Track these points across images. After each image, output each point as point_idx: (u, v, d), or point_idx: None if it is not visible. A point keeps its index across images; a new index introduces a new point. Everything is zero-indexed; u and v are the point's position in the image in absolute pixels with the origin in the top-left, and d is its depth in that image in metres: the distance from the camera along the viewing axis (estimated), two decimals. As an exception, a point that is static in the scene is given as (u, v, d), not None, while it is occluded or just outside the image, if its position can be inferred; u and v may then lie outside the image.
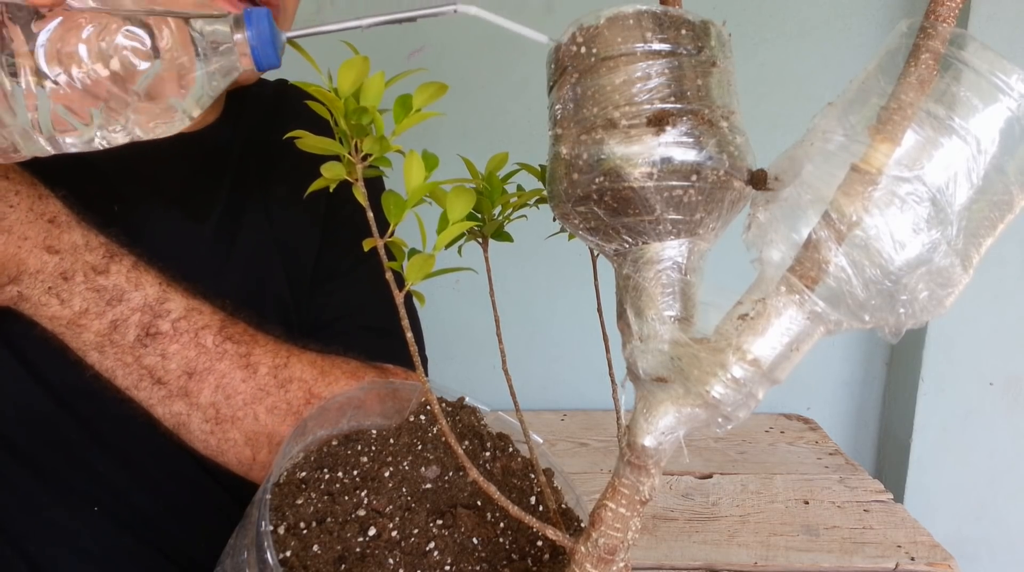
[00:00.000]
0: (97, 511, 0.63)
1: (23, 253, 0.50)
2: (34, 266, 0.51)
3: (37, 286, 0.52)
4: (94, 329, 0.53)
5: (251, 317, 0.60)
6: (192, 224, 0.67)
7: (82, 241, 0.53)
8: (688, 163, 0.32)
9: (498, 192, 0.41)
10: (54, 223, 0.52)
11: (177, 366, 0.55)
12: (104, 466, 0.64)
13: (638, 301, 0.34)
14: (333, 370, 0.61)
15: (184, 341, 0.55)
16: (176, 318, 0.55)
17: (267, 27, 0.40)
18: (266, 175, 0.74)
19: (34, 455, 0.62)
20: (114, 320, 0.54)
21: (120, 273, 0.54)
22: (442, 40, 1.51)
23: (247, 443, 0.57)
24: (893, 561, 1.07)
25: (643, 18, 0.32)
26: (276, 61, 0.41)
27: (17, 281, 0.51)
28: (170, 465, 0.65)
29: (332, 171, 0.34)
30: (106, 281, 0.53)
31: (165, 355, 0.55)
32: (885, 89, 0.29)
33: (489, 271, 0.44)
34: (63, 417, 0.62)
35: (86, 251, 0.53)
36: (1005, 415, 1.55)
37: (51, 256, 0.52)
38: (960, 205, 0.28)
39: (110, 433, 0.63)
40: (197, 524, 0.67)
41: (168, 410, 0.56)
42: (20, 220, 0.50)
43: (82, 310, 0.53)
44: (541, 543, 0.44)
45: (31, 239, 0.51)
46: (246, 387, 0.57)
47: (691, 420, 0.32)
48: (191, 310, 0.56)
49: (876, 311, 0.30)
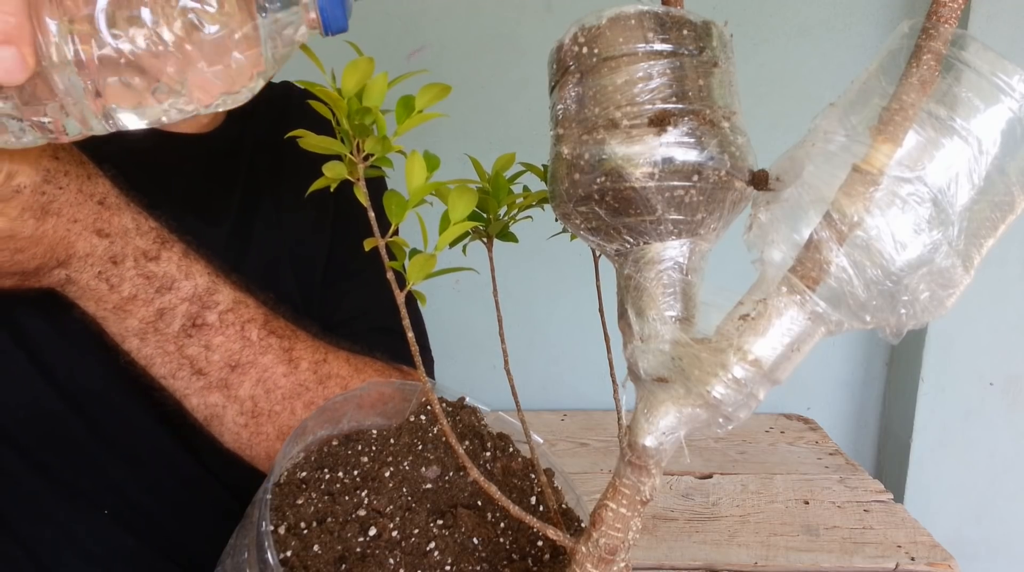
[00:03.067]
0: (106, 514, 0.63)
1: (72, 236, 0.48)
2: (83, 250, 0.49)
3: (87, 270, 0.50)
4: (139, 315, 0.52)
5: (289, 312, 0.60)
6: (206, 227, 0.67)
7: (132, 225, 0.51)
8: (689, 163, 0.32)
9: (504, 192, 0.41)
10: (104, 205, 0.50)
11: (220, 358, 0.54)
12: (111, 467, 0.64)
13: (639, 301, 0.34)
14: (366, 369, 0.61)
15: (230, 334, 0.54)
16: (224, 310, 0.54)
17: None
18: (276, 177, 0.74)
19: (42, 455, 0.62)
20: (161, 308, 0.52)
21: (171, 261, 0.53)
22: (442, 40, 1.51)
23: (279, 437, 0.57)
24: (893, 561, 1.07)
25: (645, 18, 0.32)
26: (345, 24, 0.38)
27: (66, 265, 0.49)
28: (175, 467, 0.65)
29: (334, 171, 0.34)
30: (157, 268, 0.52)
31: (209, 346, 0.54)
32: (886, 90, 0.29)
33: (493, 271, 0.44)
34: (71, 417, 0.62)
35: (137, 235, 0.51)
36: (1005, 415, 1.55)
37: (101, 239, 0.49)
38: (961, 206, 0.28)
39: (119, 435, 0.63)
40: (201, 525, 0.67)
41: (203, 401, 0.55)
42: (70, 202, 0.47)
43: (131, 296, 0.51)
44: (541, 543, 0.45)
45: (81, 222, 0.48)
46: (287, 382, 0.56)
47: (692, 420, 0.32)
48: (238, 302, 0.56)
49: (877, 312, 0.30)
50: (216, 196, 0.69)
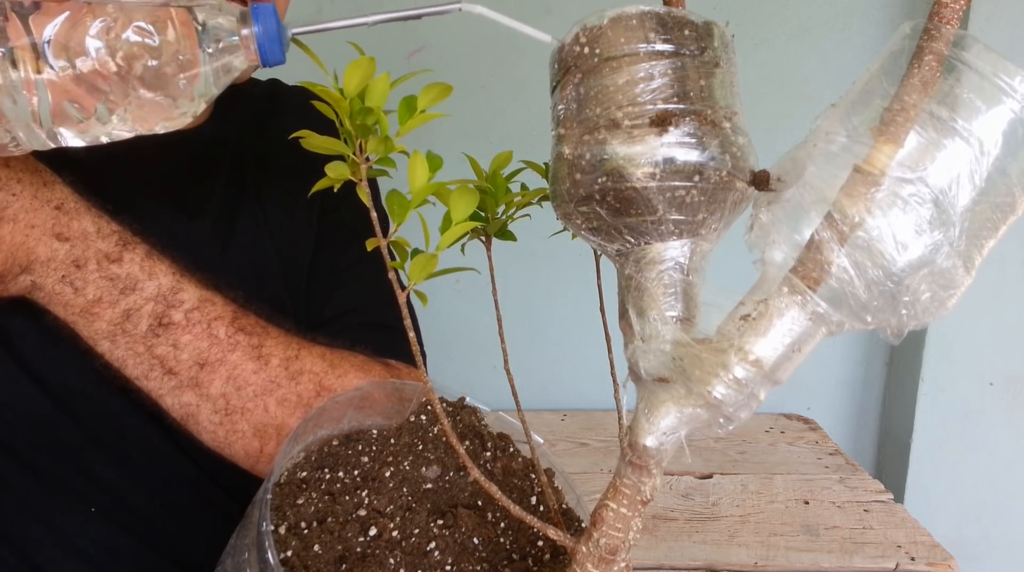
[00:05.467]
0: (94, 512, 0.63)
1: (31, 242, 0.49)
2: (44, 254, 0.50)
3: (50, 275, 0.51)
4: (107, 318, 0.53)
5: (261, 309, 0.60)
6: (187, 221, 0.67)
7: (93, 228, 0.52)
8: (691, 163, 0.32)
9: (502, 191, 0.41)
10: (61, 210, 0.51)
11: (189, 357, 0.55)
12: (101, 467, 0.63)
13: (640, 301, 0.34)
14: (342, 363, 0.60)
15: (196, 332, 0.55)
16: (189, 308, 0.55)
17: (274, 23, 0.40)
18: (260, 174, 0.74)
19: (32, 456, 0.62)
20: (127, 309, 0.53)
21: (134, 262, 0.53)
22: (442, 40, 1.51)
23: (255, 434, 0.57)
24: (893, 561, 1.07)
25: (646, 19, 0.32)
26: (281, 58, 0.41)
27: (29, 270, 0.50)
28: (167, 465, 0.65)
29: (336, 171, 0.34)
30: (119, 269, 0.53)
31: (177, 345, 0.54)
32: (888, 90, 0.29)
33: (492, 271, 0.44)
34: (60, 417, 0.61)
35: (98, 238, 0.52)
36: (1005, 415, 1.55)
37: (61, 244, 0.51)
38: (963, 207, 0.28)
39: (107, 433, 0.63)
40: (195, 524, 0.67)
41: (177, 401, 0.56)
42: (24, 208, 0.49)
43: (95, 298, 0.52)
44: (542, 543, 0.45)
45: (38, 227, 0.50)
46: (257, 378, 0.56)
47: (693, 420, 0.32)
48: (204, 301, 0.56)
49: (878, 312, 0.30)
50: (197, 190, 0.69)
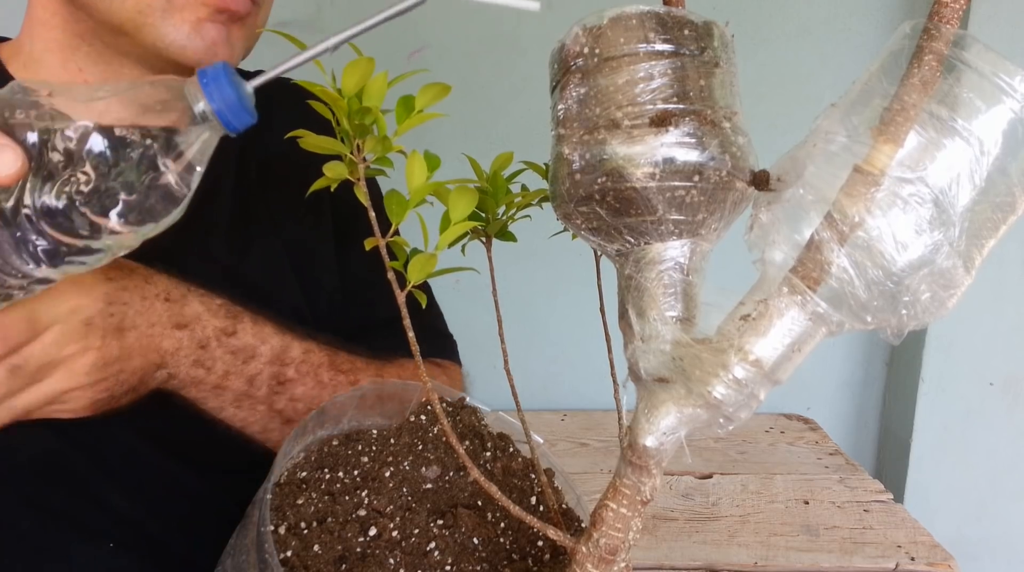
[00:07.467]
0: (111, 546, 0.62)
1: (156, 339, 0.52)
2: (171, 346, 0.53)
3: (181, 362, 0.53)
4: (234, 388, 0.56)
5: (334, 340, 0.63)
6: (204, 237, 0.67)
7: (202, 308, 0.55)
8: (690, 163, 0.32)
9: (502, 192, 0.41)
10: (170, 300, 0.53)
11: (304, 405, 0.58)
12: (114, 497, 0.63)
13: (640, 301, 0.34)
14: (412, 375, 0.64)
15: (308, 383, 0.59)
16: (299, 362, 0.59)
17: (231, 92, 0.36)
18: (265, 182, 0.73)
19: (42, 493, 0.61)
20: (250, 376, 0.56)
21: (246, 331, 0.56)
22: (442, 40, 1.51)
23: None
24: (893, 561, 1.07)
25: (646, 19, 0.32)
26: (251, 118, 0.38)
27: (163, 365, 0.53)
28: (179, 487, 0.65)
29: (334, 171, 0.34)
30: (238, 341, 0.56)
31: (293, 397, 0.58)
32: (888, 90, 0.29)
33: (492, 271, 0.44)
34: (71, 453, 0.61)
35: (211, 317, 0.55)
36: (1005, 415, 1.55)
37: (182, 332, 0.53)
38: (963, 206, 0.28)
39: (118, 464, 0.62)
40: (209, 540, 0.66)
41: None
42: (139, 312, 0.51)
43: (224, 373, 0.55)
44: (542, 543, 0.44)
45: (158, 324, 0.52)
46: None
47: (693, 420, 0.32)
48: (307, 352, 0.60)
49: (878, 312, 0.30)
50: (208, 204, 0.69)
